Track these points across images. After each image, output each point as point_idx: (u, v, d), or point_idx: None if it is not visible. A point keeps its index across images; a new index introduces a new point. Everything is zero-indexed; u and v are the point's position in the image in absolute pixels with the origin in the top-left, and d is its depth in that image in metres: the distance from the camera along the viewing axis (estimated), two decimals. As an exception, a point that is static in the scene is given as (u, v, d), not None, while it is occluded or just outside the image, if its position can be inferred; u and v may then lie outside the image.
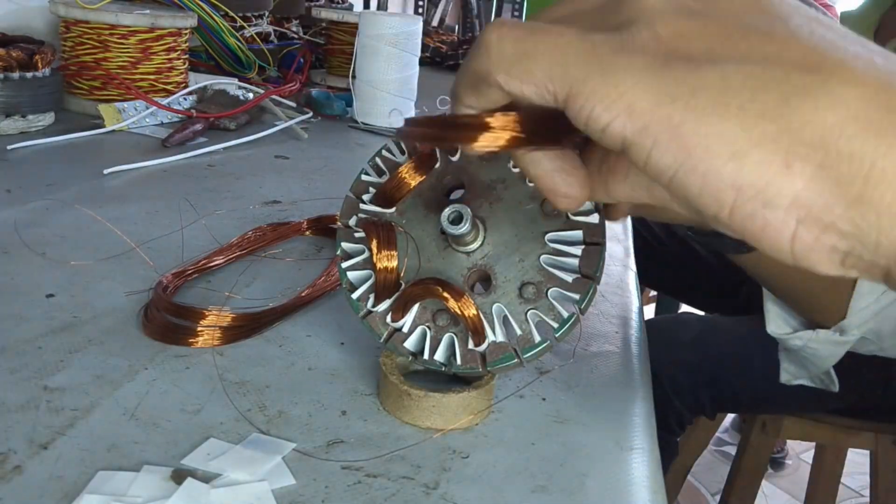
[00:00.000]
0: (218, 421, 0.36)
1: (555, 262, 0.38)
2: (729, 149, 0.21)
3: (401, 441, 0.37)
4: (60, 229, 0.57)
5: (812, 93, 0.20)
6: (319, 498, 0.32)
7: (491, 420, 0.39)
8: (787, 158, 0.20)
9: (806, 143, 0.20)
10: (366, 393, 0.41)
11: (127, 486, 0.31)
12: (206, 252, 0.55)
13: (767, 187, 0.20)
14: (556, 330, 0.37)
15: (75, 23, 0.91)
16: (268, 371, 0.41)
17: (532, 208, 0.39)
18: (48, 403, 0.36)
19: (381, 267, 0.39)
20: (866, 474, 1.26)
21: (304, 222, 0.62)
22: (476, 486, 0.34)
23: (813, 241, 0.21)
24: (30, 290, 0.47)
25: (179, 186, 0.71)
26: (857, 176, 0.20)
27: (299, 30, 1.45)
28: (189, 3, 1.02)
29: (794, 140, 0.20)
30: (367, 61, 1.01)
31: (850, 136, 0.19)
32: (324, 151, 0.91)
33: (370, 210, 0.41)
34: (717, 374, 1.06)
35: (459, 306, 0.37)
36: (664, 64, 0.21)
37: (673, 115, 0.21)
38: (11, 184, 0.66)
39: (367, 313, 0.40)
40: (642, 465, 0.37)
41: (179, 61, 0.99)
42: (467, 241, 0.38)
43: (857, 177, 0.20)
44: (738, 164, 0.20)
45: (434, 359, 0.38)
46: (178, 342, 0.43)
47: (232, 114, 0.92)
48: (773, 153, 0.20)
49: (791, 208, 0.20)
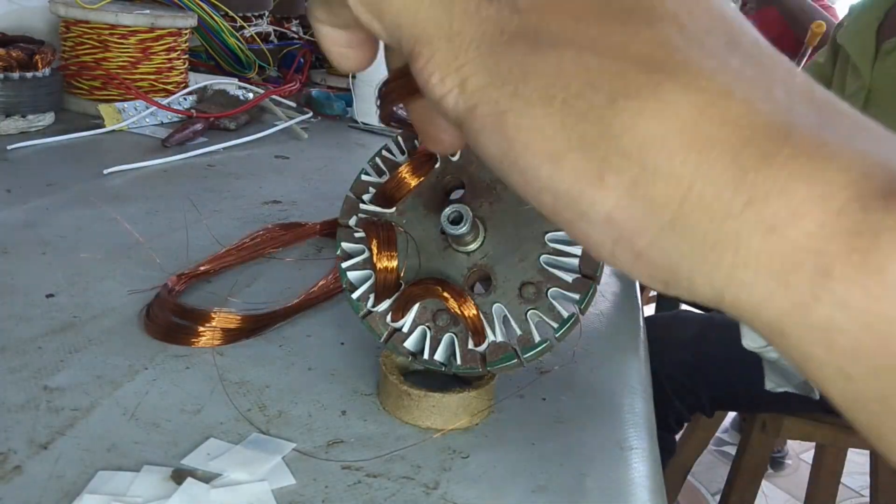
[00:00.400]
0: (218, 421, 0.36)
1: (555, 262, 0.38)
2: (546, 148, 0.18)
3: (401, 441, 0.37)
4: (60, 229, 0.57)
5: (640, 95, 0.17)
6: (319, 498, 0.32)
7: (491, 420, 0.39)
8: (601, 169, 0.18)
9: (622, 154, 0.17)
10: (366, 393, 0.41)
11: (127, 486, 0.31)
12: (206, 251, 0.55)
13: (581, 199, 0.18)
14: (556, 330, 0.37)
15: (75, 23, 0.91)
16: (268, 371, 0.41)
17: (532, 208, 0.39)
18: (48, 403, 0.36)
19: (381, 267, 0.39)
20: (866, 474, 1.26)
21: (317, 224, 0.62)
22: (476, 486, 0.34)
23: (631, 264, 0.19)
24: (30, 290, 0.47)
25: (179, 186, 0.71)
26: (671, 198, 0.17)
27: (299, 30, 1.45)
28: (189, 3, 1.02)
29: (611, 148, 0.17)
30: (367, 61, 1.01)
31: (670, 150, 0.17)
32: (324, 151, 0.91)
33: (370, 210, 0.41)
34: (716, 372, 1.06)
35: (459, 306, 0.37)
36: (509, 40, 0.19)
37: (500, 100, 0.19)
38: (11, 184, 0.66)
39: (367, 313, 0.40)
40: (642, 465, 0.37)
41: (179, 61, 0.99)
42: (467, 241, 0.38)
43: (671, 199, 0.17)
44: (554, 167, 0.18)
45: (434, 359, 0.38)
46: (179, 342, 0.43)
47: (232, 114, 0.92)
48: (588, 160, 0.18)
49: (605, 226, 0.18)
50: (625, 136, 0.17)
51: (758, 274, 0.16)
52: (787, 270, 0.16)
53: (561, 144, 0.18)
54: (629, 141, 0.17)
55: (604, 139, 0.18)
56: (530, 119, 0.18)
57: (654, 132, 0.17)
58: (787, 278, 0.16)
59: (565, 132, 0.18)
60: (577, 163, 0.18)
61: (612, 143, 0.17)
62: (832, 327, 0.16)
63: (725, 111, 0.17)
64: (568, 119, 0.18)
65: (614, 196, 0.18)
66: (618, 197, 0.18)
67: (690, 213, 0.17)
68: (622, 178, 0.17)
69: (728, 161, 0.17)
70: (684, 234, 0.17)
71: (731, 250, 0.17)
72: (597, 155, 0.18)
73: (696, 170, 0.17)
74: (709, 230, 0.17)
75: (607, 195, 0.18)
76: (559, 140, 0.18)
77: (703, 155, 0.17)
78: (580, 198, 0.18)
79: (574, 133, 0.18)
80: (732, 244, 0.17)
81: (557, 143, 0.18)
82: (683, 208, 0.17)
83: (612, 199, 0.18)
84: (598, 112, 0.18)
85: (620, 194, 0.18)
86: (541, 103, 0.18)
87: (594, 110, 0.18)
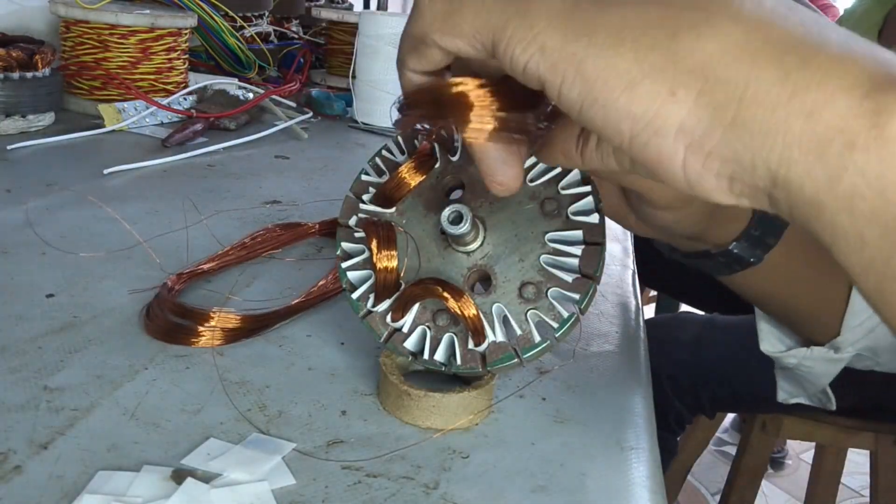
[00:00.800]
0: (218, 421, 0.36)
1: (555, 261, 0.38)
2: (623, 80, 0.22)
3: (401, 441, 0.37)
4: (60, 229, 0.57)
5: (697, 26, 0.21)
6: (319, 498, 0.32)
7: (491, 420, 0.39)
8: (672, 86, 0.22)
9: (688, 71, 0.21)
10: (366, 393, 0.41)
11: (127, 486, 0.31)
12: (206, 251, 0.55)
13: (656, 116, 0.22)
14: (556, 330, 0.37)
15: (75, 23, 0.91)
16: (268, 371, 0.41)
17: (532, 208, 0.39)
18: (48, 403, 0.36)
19: (381, 267, 0.39)
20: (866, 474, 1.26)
21: (316, 225, 0.62)
22: (476, 486, 0.34)
23: (701, 167, 0.22)
24: (30, 290, 0.47)
25: (179, 186, 0.71)
26: (731, 100, 0.21)
27: (299, 30, 1.45)
28: (189, 3, 1.02)
29: (679, 69, 0.21)
30: (367, 61, 1.01)
31: (727, 62, 0.21)
32: (324, 151, 0.91)
33: (370, 210, 0.41)
34: (717, 373, 1.06)
35: (459, 306, 0.37)
36: (574, 5, 0.23)
37: (577, 52, 0.23)
38: (11, 184, 0.66)
39: (367, 313, 0.40)
40: (642, 465, 0.37)
41: (179, 61, 0.99)
42: (467, 241, 0.38)
43: (731, 101, 0.21)
44: (631, 94, 0.22)
45: (434, 359, 0.38)
46: (179, 342, 0.43)
47: (232, 114, 0.92)
48: (661, 82, 0.22)
49: (678, 135, 0.22)
50: (689, 58, 0.21)
51: (801, 151, 0.20)
52: (823, 145, 0.20)
53: (635, 74, 0.22)
54: (692, 61, 0.21)
55: (671, 63, 0.21)
56: (605, 59, 0.22)
57: (712, 50, 0.21)
58: (823, 152, 0.20)
59: (638, 64, 0.22)
60: (651, 86, 0.22)
61: (678, 65, 0.21)
62: (855, 194, 0.20)
63: (768, 32, 0.21)
64: (639, 54, 0.22)
65: (685, 107, 0.21)
66: (688, 107, 0.21)
67: (748, 109, 0.21)
68: (690, 91, 0.21)
69: (774, 66, 0.21)
70: (745, 127, 0.21)
71: (781, 134, 0.20)
72: (667, 76, 0.22)
73: (749, 75, 0.21)
74: (763, 121, 0.21)
75: (679, 107, 0.22)
76: (633, 71, 0.22)
77: (753, 63, 0.21)
78: (655, 115, 0.22)
79: (645, 63, 0.22)
80: (782, 129, 0.20)
81: (632, 73, 0.22)
82: (742, 106, 0.21)
83: (683, 110, 0.22)
84: (664, 44, 0.22)
85: (690, 105, 0.21)
86: (613, 46, 0.22)
87: (660, 43, 0.22)
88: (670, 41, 0.22)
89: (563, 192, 0.38)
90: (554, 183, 0.38)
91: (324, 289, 0.50)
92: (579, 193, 0.38)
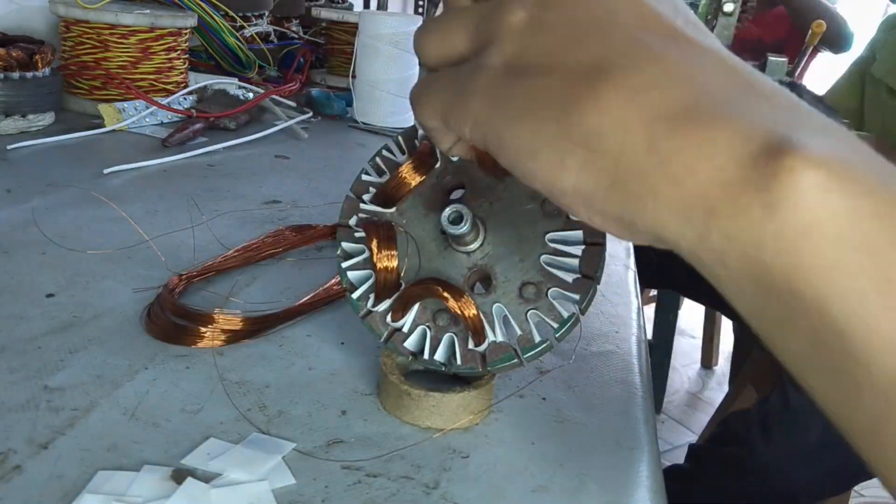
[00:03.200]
0: (218, 421, 0.36)
1: (555, 262, 0.38)
2: (528, 150, 0.25)
3: (401, 441, 0.37)
4: (60, 229, 0.57)
5: (585, 100, 0.23)
6: (319, 498, 0.32)
7: (491, 420, 0.39)
8: (562, 157, 0.24)
9: (574, 143, 0.23)
10: (366, 393, 0.41)
11: (127, 486, 0.31)
12: (207, 251, 0.55)
13: (555, 181, 0.24)
14: (556, 330, 0.37)
15: (75, 22, 0.91)
16: (268, 371, 0.41)
17: (532, 208, 0.39)
18: (48, 403, 0.36)
19: (382, 267, 0.39)
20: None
21: (325, 227, 0.61)
22: (476, 486, 0.34)
23: (601, 222, 0.25)
24: (30, 290, 0.47)
25: (179, 186, 0.71)
26: (609, 167, 0.23)
27: (299, 30, 1.45)
28: (189, 3, 1.02)
29: (568, 140, 0.24)
30: (367, 61, 1.01)
31: (604, 133, 0.23)
32: (324, 151, 0.91)
33: (370, 210, 0.41)
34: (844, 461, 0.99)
35: (459, 306, 0.37)
36: (501, 80, 0.26)
37: (497, 124, 0.25)
38: (11, 183, 0.66)
39: (367, 313, 0.40)
40: (642, 465, 0.37)
41: (179, 61, 0.99)
42: (467, 241, 0.38)
43: (609, 168, 0.23)
44: (534, 162, 0.25)
45: (434, 359, 0.38)
46: (180, 342, 0.43)
47: (232, 114, 0.92)
48: (553, 153, 0.24)
49: (574, 196, 0.24)
50: (576, 131, 0.23)
51: (671, 215, 0.22)
52: (688, 210, 0.22)
53: (536, 145, 0.24)
54: (578, 133, 0.23)
55: (562, 135, 0.24)
56: (514, 131, 0.25)
57: (592, 124, 0.23)
58: (689, 216, 0.22)
59: (537, 136, 0.24)
60: (547, 155, 0.24)
61: (567, 137, 0.24)
62: (724, 251, 0.21)
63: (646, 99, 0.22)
64: (539, 126, 0.24)
65: (574, 174, 0.24)
66: (576, 174, 0.24)
67: (623, 175, 0.23)
68: (576, 160, 0.24)
69: (644, 135, 0.22)
70: (622, 191, 0.23)
71: (651, 198, 0.22)
72: (558, 147, 0.24)
73: (622, 145, 0.23)
74: (636, 186, 0.22)
75: (569, 174, 0.24)
76: (535, 142, 0.24)
77: (626, 135, 0.22)
78: (554, 179, 0.24)
79: (542, 135, 0.24)
80: (652, 194, 0.22)
81: (534, 144, 0.24)
82: (618, 173, 0.23)
83: (572, 177, 0.24)
84: (557, 117, 0.24)
85: (577, 172, 0.24)
86: (520, 119, 0.25)
87: (554, 117, 0.24)
88: (562, 115, 0.24)
89: (563, 192, 0.38)
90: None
91: (328, 291, 0.50)
92: (579, 193, 0.38)
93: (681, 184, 0.21)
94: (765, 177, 0.20)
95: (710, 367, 2.35)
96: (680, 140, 0.22)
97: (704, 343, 2.37)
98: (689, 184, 0.21)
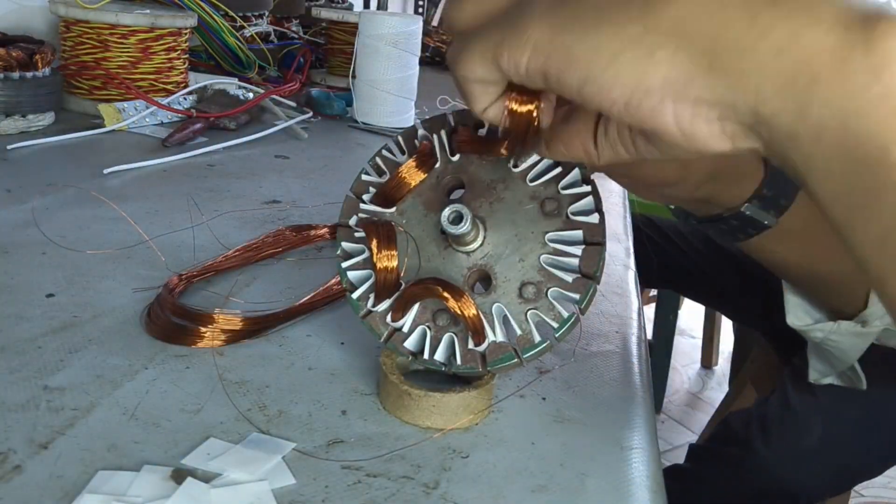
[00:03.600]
0: (218, 420, 0.36)
1: (555, 261, 0.38)
2: (608, 55, 0.25)
3: (401, 441, 0.37)
4: (60, 229, 0.57)
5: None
6: (319, 498, 0.32)
7: (491, 420, 0.39)
8: (650, 50, 0.24)
9: (663, 34, 0.24)
10: (366, 393, 0.41)
11: (127, 486, 0.31)
12: (207, 251, 0.55)
13: (642, 78, 0.24)
14: (556, 330, 0.37)
15: (75, 22, 0.91)
16: (268, 371, 0.41)
17: (532, 208, 0.39)
18: (48, 403, 0.36)
19: (381, 267, 0.39)
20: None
21: (325, 227, 0.61)
22: (476, 486, 0.34)
23: (690, 115, 0.24)
24: (30, 290, 0.47)
25: (179, 186, 0.71)
26: (706, 49, 0.23)
27: (299, 30, 1.45)
28: (189, 3, 1.02)
29: (655, 34, 0.24)
30: (367, 61, 1.01)
31: (696, 17, 0.23)
32: (324, 151, 0.91)
33: (370, 210, 0.41)
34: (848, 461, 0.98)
35: (459, 306, 0.37)
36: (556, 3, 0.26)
37: (565, 41, 0.25)
38: (11, 183, 0.66)
39: (367, 313, 0.40)
40: (642, 465, 0.37)
41: (179, 61, 0.99)
42: (467, 241, 0.38)
43: (706, 50, 0.23)
44: (616, 65, 0.25)
45: (434, 358, 0.38)
46: (180, 342, 0.43)
47: (232, 113, 0.92)
48: (640, 49, 0.24)
49: (665, 90, 0.24)
50: (661, 23, 0.24)
51: (773, 87, 0.22)
52: (791, 80, 0.22)
53: (617, 48, 0.24)
54: (665, 24, 0.24)
55: (647, 31, 0.24)
56: (589, 41, 0.25)
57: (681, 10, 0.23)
58: (792, 86, 0.22)
59: (618, 38, 0.24)
60: (633, 53, 0.24)
61: (653, 30, 0.24)
62: (821, 125, 0.21)
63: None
64: (617, 29, 0.24)
65: (666, 64, 0.24)
66: (668, 63, 0.24)
67: (722, 54, 0.23)
68: (667, 50, 0.24)
69: (741, 11, 0.23)
70: (722, 70, 0.23)
71: (754, 73, 0.22)
72: (644, 43, 0.24)
73: (719, 24, 0.23)
74: (738, 63, 0.23)
75: (660, 66, 0.24)
76: (615, 45, 0.24)
77: (721, 13, 0.23)
78: (641, 78, 0.24)
79: (624, 36, 0.24)
80: (756, 69, 0.22)
81: (614, 47, 0.24)
82: (717, 53, 0.23)
83: (664, 66, 0.24)
84: (638, 15, 0.24)
85: (669, 61, 0.24)
86: (595, 27, 0.25)
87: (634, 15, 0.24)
88: (643, 12, 0.24)
89: (563, 192, 0.38)
90: (554, 183, 0.38)
91: (328, 291, 0.50)
92: (579, 193, 0.38)
93: (785, 53, 0.22)
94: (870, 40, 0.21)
95: (710, 367, 2.35)
96: (780, 10, 0.22)
97: (704, 343, 2.36)
98: (793, 51, 0.21)
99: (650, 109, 0.25)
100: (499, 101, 0.31)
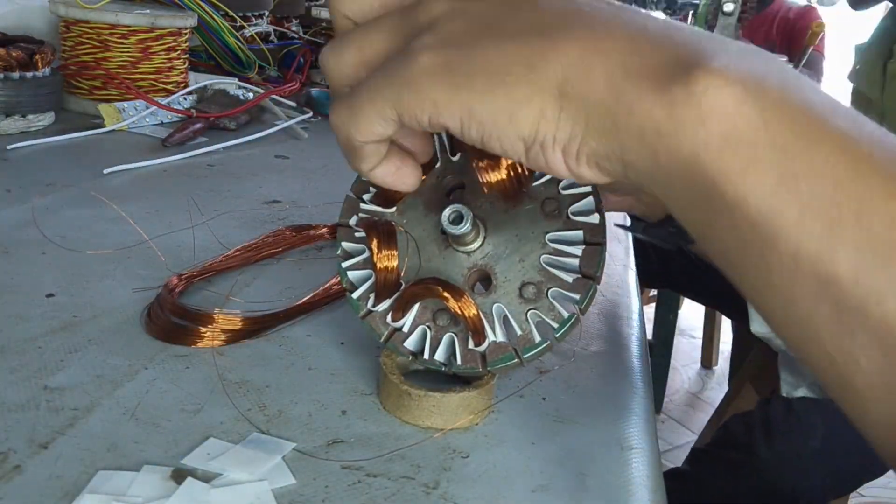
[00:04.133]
0: (218, 420, 0.36)
1: (555, 262, 0.38)
2: (506, 116, 0.27)
3: (401, 441, 0.37)
4: (60, 229, 0.57)
5: (547, 51, 0.26)
6: (319, 498, 0.32)
7: (491, 420, 0.39)
8: (541, 110, 0.26)
9: (548, 94, 0.26)
10: (366, 393, 0.41)
11: (127, 486, 0.31)
12: (207, 251, 0.55)
13: (538, 134, 0.27)
14: (556, 330, 0.37)
15: (75, 22, 0.91)
16: (268, 371, 0.41)
17: (532, 208, 0.39)
18: (48, 403, 0.36)
19: (382, 267, 0.39)
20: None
21: (325, 227, 0.61)
22: (476, 486, 0.34)
23: (576, 164, 0.27)
24: (30, 290, 0.47)
25: (179, 186, 0.71)
26: (581, 110, 0.26)
27: (299, 29, 1.44)
28: (189, 3, 1.02)
29: (542, 94, 0.26)
30: (367, 61, 1.01)
31: (571, 83, 0.26)
32: (324, 151, 0.91)
33: (370, 210, 0.41)
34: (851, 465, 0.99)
35: (459, 306, 0.37)
36: (446, 62, 0.27)
37: (464, 100, 0.27)
38: (11, 183, 0.66)
39: (368, 313, 0.40)
40: (642, 465, 0.37)
41: (179, 61, 0.99)
42: (467, 241, 0.38)
43: (581, 111, 0.26)
44: (515, 123, 0.27)
45: (434, 358, 0.38)
46: (180, 342, 0.43)
47: (232, 113, 0.92)
48: (532, 108, 0.26)
49: (555, 145, 0.27)
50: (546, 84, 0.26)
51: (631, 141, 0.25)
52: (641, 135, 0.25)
53: (513, 107, 0.26)
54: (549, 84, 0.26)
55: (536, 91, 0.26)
56: (488, 102, 0.27)
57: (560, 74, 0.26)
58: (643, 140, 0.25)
59: (513, 99, 0.26)
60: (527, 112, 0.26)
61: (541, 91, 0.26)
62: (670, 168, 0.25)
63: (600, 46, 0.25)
64: (509, 90, 0.26)
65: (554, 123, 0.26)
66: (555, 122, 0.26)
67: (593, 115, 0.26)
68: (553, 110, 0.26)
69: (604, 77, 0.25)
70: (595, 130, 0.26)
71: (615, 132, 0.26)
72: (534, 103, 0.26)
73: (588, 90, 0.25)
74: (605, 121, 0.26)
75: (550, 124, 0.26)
76: (511, 106, 0.26)
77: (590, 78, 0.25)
78: (537, 135, 0.27)
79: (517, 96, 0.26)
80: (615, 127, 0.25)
81: (510, 107, 0.26)
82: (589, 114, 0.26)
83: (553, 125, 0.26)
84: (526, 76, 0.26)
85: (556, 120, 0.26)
86: (490, 89, 0.26)
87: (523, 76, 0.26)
88: (529, 71, 0.26)
89: (563, 193, 0.38)
90: (554, 183, 0.38)
91: (328, 292, 0.50)
92: (579, 194, 0.38)
93: (634, 114, 0.25)
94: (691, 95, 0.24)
95: (710, 367, 2.35)
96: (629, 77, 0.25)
97: (704, 343, 2.37)
98: (638, 113, 0.25)
99: (545, 157, 0.27)
100: (386, 160, 0.32)
